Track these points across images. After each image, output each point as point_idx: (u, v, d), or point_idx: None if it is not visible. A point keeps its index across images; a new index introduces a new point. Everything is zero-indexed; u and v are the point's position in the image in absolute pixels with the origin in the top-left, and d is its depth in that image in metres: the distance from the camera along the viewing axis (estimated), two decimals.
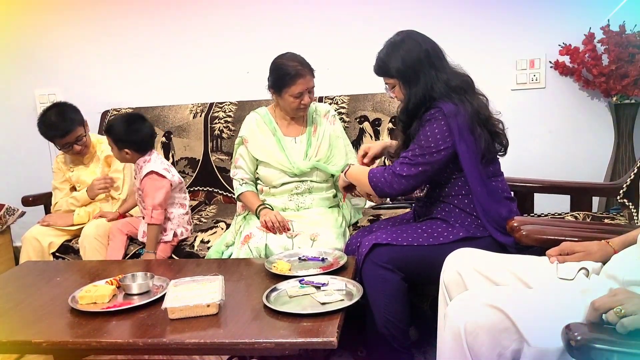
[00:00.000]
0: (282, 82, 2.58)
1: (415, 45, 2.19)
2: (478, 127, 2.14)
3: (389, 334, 2.18)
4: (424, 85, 2.16)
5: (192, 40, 3.74)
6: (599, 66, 3.09)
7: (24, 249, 2.88)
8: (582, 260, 1.69)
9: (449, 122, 2.10)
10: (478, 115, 2.16)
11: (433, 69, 2.18)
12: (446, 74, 2.19)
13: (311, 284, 1.95)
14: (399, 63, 2.18)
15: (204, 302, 1.78)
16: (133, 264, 2.44)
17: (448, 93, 2.15)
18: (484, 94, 2.27)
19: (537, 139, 3.42)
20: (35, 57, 3.95)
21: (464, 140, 2.12)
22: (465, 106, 2.13)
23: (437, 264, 1.93)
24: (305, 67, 2.58)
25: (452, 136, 2.11)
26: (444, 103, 2.13)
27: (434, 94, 2.16)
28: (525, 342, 1.44)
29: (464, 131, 2.11)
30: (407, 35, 2.23)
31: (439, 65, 2.19)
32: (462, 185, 2.21)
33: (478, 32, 3.37)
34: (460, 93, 2.17)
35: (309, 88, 2.60)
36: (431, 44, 2.22)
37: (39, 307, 1.96)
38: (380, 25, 3.41)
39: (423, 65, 2.17)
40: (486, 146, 2.16)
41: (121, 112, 3.60)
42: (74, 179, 3.09)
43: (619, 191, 2.60)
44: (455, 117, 2.10)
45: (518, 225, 2.03)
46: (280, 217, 2.53)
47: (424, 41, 2.21)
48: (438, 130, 2.11)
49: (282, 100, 2.63)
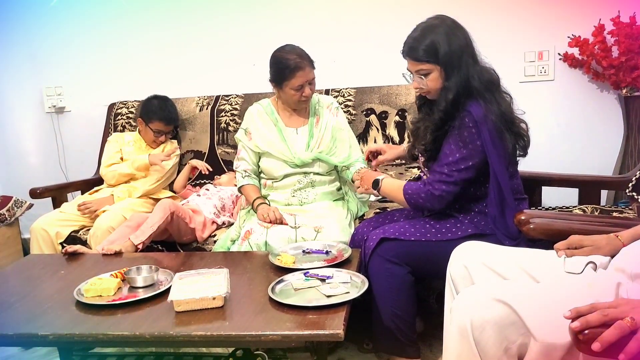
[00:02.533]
0: (282, 76, 2.57)
1: (459, 30, 2.10)
2: (505, 132, 2.07)
3: (395, 327, 2.17)
4: (465, 76, 2.06)
5: (198, 32, 3.74)
6: (608, 58, 3.06)
7: (33, 240, 2.90)
8: (590, 255, 1.67)
9: (480, 130, 2.03)
10: (504, 117, 2.08)
11: (472, 58, 2.10)
12: (480, 67, 2.12)
13: (316, 277, 1.94)
14: (445, 47, 2.04)
15: (210, 295, 1.77)
16: (138, 257, 2.43)
17: (482, 89, 2.06)
18: (508, 91, 2.19)
19: (545, 132, 3.40)
20: (42, 51, 3.96)
21: (495, 147, 2.05)
22: (493, 108, 2.05)
23: (444, 259, 1.91)
24: (304, 60, 2.56)
25: (483, 145, 2.05)
26: (473, 105, 2.05)
27: (471, 87, 2.06)
28: (532, 337, 1.43)
29: (494, 138, 2.05)
30: (447, 19, 2.12)
31: (475, 57, 2.11)
32: (477, 188, 2.18)
33: (486, 24, 3.34)
34: (491, 90, 2.09)
35: (309, 80, 2.58)
36: (468, 33, 2.13)
37: (45, 300, 1.96)
38: (386, 19, 3.41)
39: (466, 53, 2.08)
40: (512, 150, 2.13)
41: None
42: (126, 157, 3.34)
43: (628, 184, 2.58)
44: (484, 123, 2.02)
45: (526, 218, 2.01)
46: (278, 214, 2.50)
47: (464, 28, 2.12)
48: (469, 139, 2.05)
49: (284, 93, 2.62)
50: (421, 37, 2.09)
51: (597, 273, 1.61)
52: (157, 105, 3.36)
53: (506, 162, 2.12)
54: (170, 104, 3.44)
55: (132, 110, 3.64)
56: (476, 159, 2.07)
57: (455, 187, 2.11)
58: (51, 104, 3.99)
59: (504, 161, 2.11)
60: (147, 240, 2.51)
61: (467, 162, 2.07)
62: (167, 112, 3.38)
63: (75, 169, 4.01)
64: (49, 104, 3.99)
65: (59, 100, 3.98)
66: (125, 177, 3.24)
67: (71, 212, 3.04)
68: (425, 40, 2.07)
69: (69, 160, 4.05)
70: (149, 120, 3.32)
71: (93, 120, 3.88)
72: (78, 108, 4.01)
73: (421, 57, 2.09)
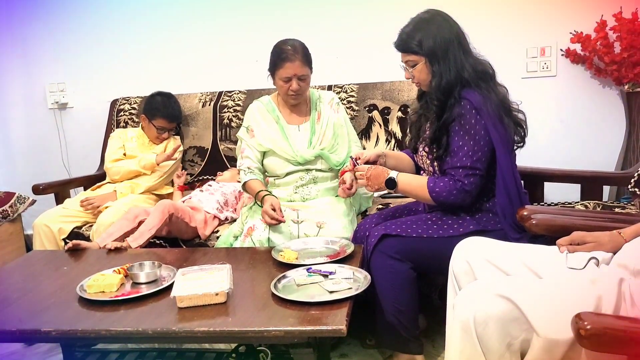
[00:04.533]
0: (274, 65, 2.58)
1: (446, 24, 2.14)
2: (505, 117, 2.10)
3: (398, 323, 2.17)
4: (454, 66, 2.10)
5: (201, 29, 3.74)
6: (610, 54, 3.05)
7: (36, 236, 2.91)
8: (592, 251, 1.67)
9: (480, 113, 2.06)
10: (503, 105, 2.12)
11: (462, 51, 2.13)
12: (473, 59, 2.15)
13: (319, 273, 1.95)
14: (429, 39, 2.10)
15: (213, 291, 1.77)
16: (140, 253, 2.44)
17: (476, 79, 2.11)
18: (503, 84, 2.22)
19: (547, 128, 3.39)
20: (45, 47, 3.96)
21: (497, 130, 2.07)
22: (491, 95, 2.09)
23: (446, 255, 1.92)
24: (297, 54, 2.55)
25: (486, 129, 2.07)
26: (469, 93, 2.09)
27: (464, 76, 2.10)
28: (534, 333, 1.44)
29: (495, 120, 2.07)
30: (437, 13, 2.18)
31: (466, 49, 2.15)
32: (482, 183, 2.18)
33: (488, 19, 3.34)
34: (486, 81, 2.13)
35: (297, 74, 2.56)
36: (459, 26, 2.17)
37: (47, 296, 1.96)
38: (389, 15, 3.40)
39: (453, 46, 2.11)
40: (513, 136, 2.14)
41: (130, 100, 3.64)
42: (129, 153, 3.37)
43: (630, 180, 2.57)
44: (485, 107, 2.06)
45: (528, 214, 2.01)
46: (274, 212, 2.40)
47: (454, 22, 2.16)
48: (470, 125, 2.07)
49: (276, 83, 2.63)
50: (411, 30, 2.15)
51: (599, 269, 1.62)
52: (161, 102, 3.38)
53: (510, 147, 2.13)
54: (174, 101, 3.45)
55: (134, 106, 3.64)
56: (484, 146, 2.08)
57: (482, 178, 2.12)
58: (54, 100, 3.99)
59: (508, 145, 2.12)
60: (144, 243, 2.52)
61: (481, 150, 2.09)
62: (171, 109, 3.39)
63: (77, 165, 4.01)
64: (52, 100, 4.00)
65: (61, 96, 3.99)
66: (131, 174, 3.25)
67: (74, 208, 3.04)
68: (413, 32, 2.14)
69: (72, 156, 4.05)
70: (153, 117, 3.33)
71: (96, 117, 3.88)
72: (81, 104, 4.01)
73: (407, 48, 2.16)
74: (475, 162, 2.09)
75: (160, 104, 3.37)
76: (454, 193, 2.12)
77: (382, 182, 2.22)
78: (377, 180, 2.22)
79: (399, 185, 2.21)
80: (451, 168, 2.13)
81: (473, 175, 2.10)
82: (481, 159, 2.09)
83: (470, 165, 2.09)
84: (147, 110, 3.37)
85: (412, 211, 2.46)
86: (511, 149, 2.15)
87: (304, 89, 2.64)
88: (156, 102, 3.38)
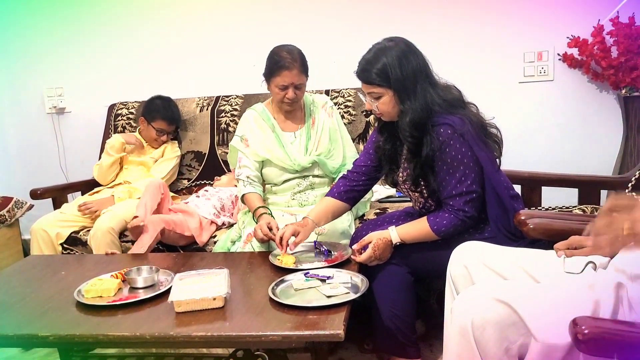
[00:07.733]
0: (270, 71, 2.56)
1: (412, 54, 2.04)
2: (484, 135, 2.09)
3: (395, 328, 2.17)
4: (423, 99, 2.02)
5: (199, 33, 3.75)
6: (607, 58, 3.06)
7: (34, 241, 2.91)
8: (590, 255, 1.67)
9: (464, 135, 2.01)
10: (481, 123, 2.10)
11: (428, 82, 2.06)
12: (440, 89, 2.08)
13: (316, 277, 1.95)
14: (397, 71, 2.00)
15: (210, 296, 1.77)
16: (137, 257, 2.44)
17: (447, 108, 2.04)
18: (473, 102, 2.16)
19: (544, 132, 3.40)
20: (43, 52, 3.97)
21: (481, 148, 2.05)
22: (469, 116, 2.06)
23: (443, 260, 1.92)
24: (295, 62, 2.51)
25: (471, 148, 2.02)
26: (445, 117, 2.02)
27: (435, 109, 2.03)
28: (532, 337, 1.44)
29: (478, 140, 2.04)
30: (402, 41, 2.07)
31: (432, 81, 2.08)
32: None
33: (485, 25, 3.35)
34: (457, 107, 2.08)
35: (294, 83, 2.53)
36: (424, 56, 2.08)
37: (45, 301, 1.95)
38: (387, 19, 3.40)
39: (422, 78, 2.03)
40: (494, 152, 2.11)
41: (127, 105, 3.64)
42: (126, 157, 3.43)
43: (628, 184, 2.57)
44: (466, 127, 2.01)
45: (525, 218, 2.01)
46: (266, 230, 2.33)
47: (419, 52, 2.08)
48: (463, 148, 2.02)
49: (271, 90, 2.61)
50: (374, 59, 2.04)
51: (597, 273, 1.62)
52: (161, 105, 3.40)
53: (496, 165, 2.10)
54: (173, 105, 3.48)
55: (132, 111, 3.64)
56: (474, 167, 2.05)
57: (480, 197, 2.09)
58: (52, 104, 4.00)
59: (493, 161, 2.10)
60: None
61: (472, 171, 2.05)
62: (171, 111, 3.43)
63: (75, 169, 4.01)
64: (50, 105, 4.00)
65: (59, 101, 3.99)
66: (110, 167, 3.32)
67: (71, 212, 3.03)
68: (378, 63, 2.03)
69: (70, 161, 4.06)
70: (152, 119, 3.35)
71: (93, 121, 3.89)
72: (78, 109, 4.01)
73: (373, 80, 2.05)
74: (470, 185, 2.05)
75: (160, 106, 3.41)
76: (459, 224, 2.08)
77: (391, 250, 2.16)
78: (386, 252, 2.14)
79: (403, 235, 2.14)
80: (447, 198, 2.09)
81: (471, 200, 2.07)
82: (475, 180, 2.06)
83: (466, 190, 2.06)
84: (146, 112, 3.38)
85: (409, 216, 2.46)
86: (497, 165, 2.12)
87: (300, 97, 2.63)
88: (156, 104, 3.41)
